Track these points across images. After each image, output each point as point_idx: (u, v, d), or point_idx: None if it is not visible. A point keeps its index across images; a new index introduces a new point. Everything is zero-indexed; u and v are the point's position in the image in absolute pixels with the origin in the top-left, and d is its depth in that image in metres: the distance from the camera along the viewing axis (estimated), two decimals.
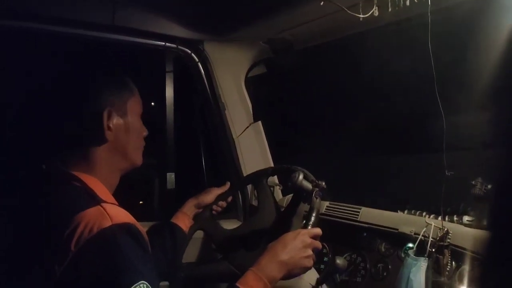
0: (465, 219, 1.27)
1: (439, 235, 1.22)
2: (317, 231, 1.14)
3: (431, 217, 1.35)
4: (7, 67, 1.57)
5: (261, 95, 1.99)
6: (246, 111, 1.90)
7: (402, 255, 1.31)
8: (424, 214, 1.38)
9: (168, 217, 1.44)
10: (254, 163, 1.82)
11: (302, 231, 1.12)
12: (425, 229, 1.25)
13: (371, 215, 1.49)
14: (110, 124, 0.98)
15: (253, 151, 1.88)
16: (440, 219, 1.26)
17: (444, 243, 1.19)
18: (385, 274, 1.37)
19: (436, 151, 1.19)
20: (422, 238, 1.25)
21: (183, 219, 1.42)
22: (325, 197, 1.26)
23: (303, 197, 1.27)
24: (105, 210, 0.85)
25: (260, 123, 1.90)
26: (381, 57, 1.68)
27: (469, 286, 1.13)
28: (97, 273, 0.80)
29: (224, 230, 1.46)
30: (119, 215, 0.86)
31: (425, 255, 1.20)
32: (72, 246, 0.80)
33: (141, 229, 0.89)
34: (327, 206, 1.63)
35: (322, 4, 1.23)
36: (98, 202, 0.87)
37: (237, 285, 0.99)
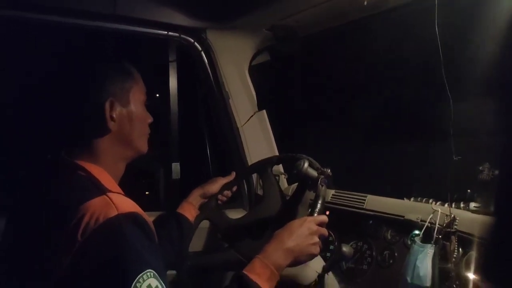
0: (472, 205, 1.26)
1: (445, 221, 1.21)
2: (323, 218, 1.13)
3: (437, 204, 1.34)
4: (8, 58, 1.56)
5: (265, 83, 1.98)
6: (250, 100, 1.88)
7: (409, 242, 1.31)
8: (431, 201, 1.38)
9: (173, 207, 1.44)
10: (259, 152, 1.82)
11: (308, 218, 1.12)
12: (431, 215, 1.24)
13: (377, 202, 1.49)
14: (112, 114, 0.98)
15: (257, 140, 1.87)
16: (446, 205, 1.25)
17: (451, 230, 1.19)
18: (391, 262, 1.37)
19: (442, 139, 1.17)
20: (429, 225, 1.24)
21: (189, 209, 1.42)
22: (330, 185, 1.25)
23: (308, 185, 1.26)
24: (110, 200, 0.85)
25: (264, 111, 1.88)
26: (386, 42, 1.65)
27: (476, 272, 1.13)
28: (103, 263, 0.80)
29: (229, 219, 1.46)
30: (124, 205, 0.86)
31: (432, 242, 1.20)
32: (79, 236, 0.80)
33: (147, 218, 0.89)
34: (332, 195, 1.62)
35: None
36: (104, 192, 0.87)
37: (244, 272, 0.99)
